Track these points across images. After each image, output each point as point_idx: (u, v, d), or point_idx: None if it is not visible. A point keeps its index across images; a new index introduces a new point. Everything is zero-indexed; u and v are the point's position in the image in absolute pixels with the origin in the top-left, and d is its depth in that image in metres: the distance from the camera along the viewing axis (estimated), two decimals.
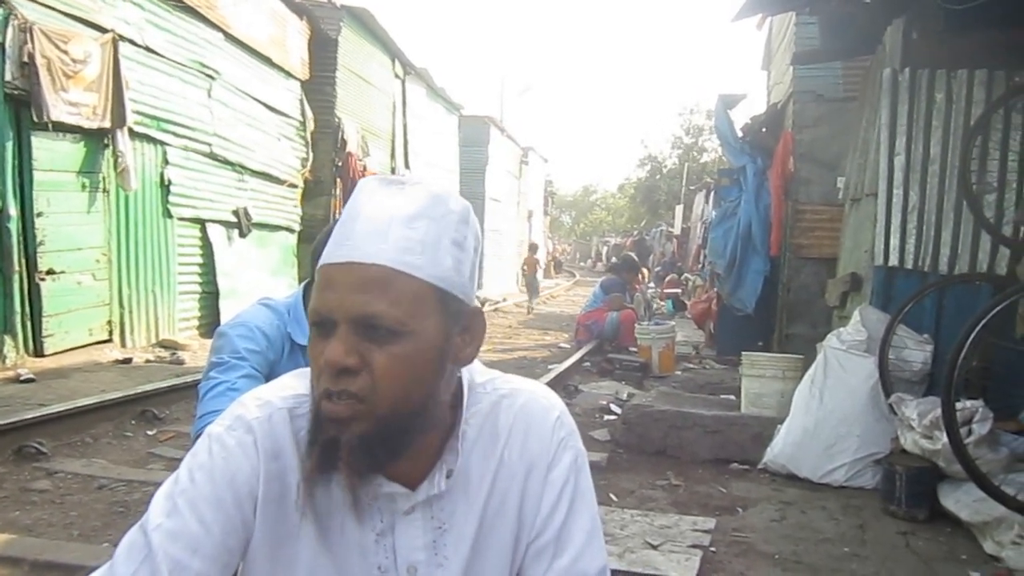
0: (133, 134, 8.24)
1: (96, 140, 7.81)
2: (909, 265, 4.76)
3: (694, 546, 3.31)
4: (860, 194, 5.50)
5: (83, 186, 7.72)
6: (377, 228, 0.93)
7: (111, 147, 7.94)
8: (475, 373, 1.09)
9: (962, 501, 3.62)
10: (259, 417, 1.00)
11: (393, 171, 15.44)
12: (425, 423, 0.97)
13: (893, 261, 4.80)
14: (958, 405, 3.48)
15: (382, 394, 0.91)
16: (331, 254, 0.95)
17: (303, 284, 2.11)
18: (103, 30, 7.76)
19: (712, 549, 3.33)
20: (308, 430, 0.95)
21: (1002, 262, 4.54)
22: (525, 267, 20.21)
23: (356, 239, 0.93)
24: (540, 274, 21.70)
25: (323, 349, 0.92)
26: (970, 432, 3.54)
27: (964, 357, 3.42)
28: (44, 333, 7.18)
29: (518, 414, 1.08)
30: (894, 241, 4.79)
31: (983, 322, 3.42)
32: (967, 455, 3.34)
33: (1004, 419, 3.78)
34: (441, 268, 0.95)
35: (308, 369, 1.03)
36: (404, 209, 0.94)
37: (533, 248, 20.75)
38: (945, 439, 3.49)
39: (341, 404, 0.91)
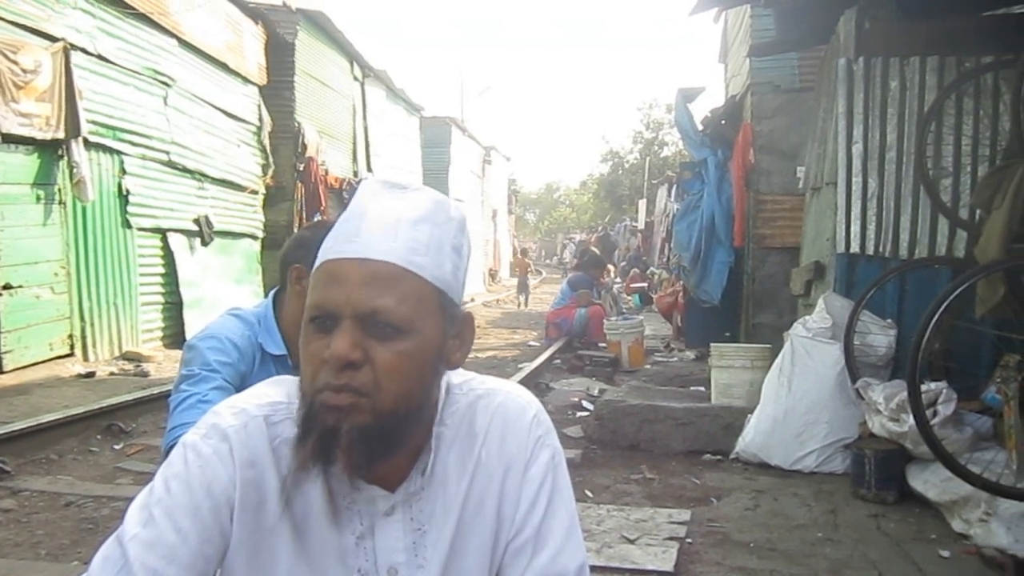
0: (88, 144, 8.09)
1: (50, 151, 7.65)
2: (870, 251, 4.84)
3: (670, 538, 3.34)
4: (820, 183, 5.57)
5: (38, 198, 7.56)
6: (386, 227, 0.95)
7: (66, 158, 7.77)
8: (451, 374, 1.09)
9: (930, 482, 3.69)
10: (234, 425, 0.99)
11: (355, 175, 15.33)
12: (419, 422, 0.99)
13: (854, 248, 4.87)
14: (923, 387, 3.54)
15: (385, 390, 0.92)
16: (337, 250, 0.95)
17: (272, 292, 2.08)
18: (53, 39, 7.60)
19: (688, 540, 3.36)
20: (300, 424, 0.94)
21: (960, 245, 4.62)
22: (517, 269, 22.65)
23: (365, 236, 0.94)
24: (503, 272, 24.18)
25: (325, 344, 0.92)
26: (935, 413, 3.60)
27: (927, 340, 3.48)
28: (3, 349, 7.02)
29: (495, 414, 1.08)
30: (855, 228, 4.86)
31: (944, 305, 3.48)
32: (933, 436, 3.40)
33: (967, 399, 3.85)
34: (442, 271, 0.97)
35: (283, 377, 1.03)
36: (410, 212, 0.97)
37: (524, 252, 23.95)
38: (912, 421, 3.55)
39: (342, 394, 0.91)
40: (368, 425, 0.91)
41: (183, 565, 0.93)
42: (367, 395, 0.91)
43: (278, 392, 1.02)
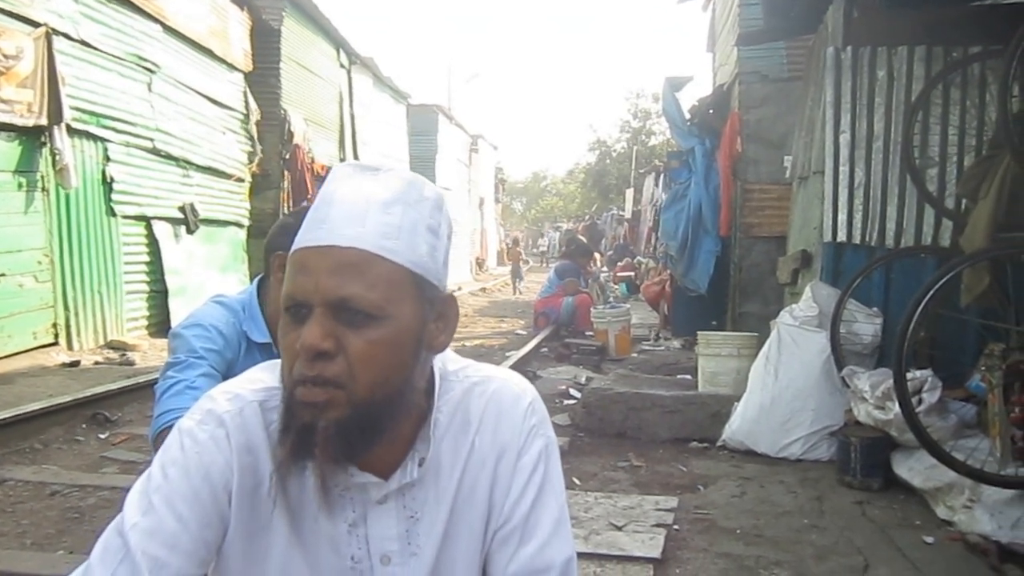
0: (71, 131, 7.99)
1: (32, 138, 7.55)
2: (857, 240, 4.86)
3: (658, 525, 3.35)
4: (807, 172, 5.58)
5: (20, 186, 7.46)
6: (354, 212, 0.92)
7: (49, 145, 7.68)
8: (447, 361, 1.09)
9: (915, 469, 3.71)
10: (230, 411, 0.99)
11: (342, 162, 15.26)
12: (401, 410, 0.96)
13: (841, 237, 4.89)
14: (908, 375, 3.57)
15: (359, 379, 0.90)
16: (306, 238, 0.93)
17: (256, 280, 2.07)
18: (35, 24, 7.50)
19: (675, 527, 3.37)
20: (280, 417, 0.93)
21: (945, 234, 4.66)
22: (509, 258, 24.02)
23: (333, 223, 0.92)
24: (491, 261, 25.16)
25: (299, 334, 0.90)
26: (920, 401, 3.63)
27: (913, 328, 3.50)
28: None
29: (490, 401, 1.07)
30: (842, 217, 4.88)
31: (930, 294, 3.50)
32: (918, 423, 3.43)
33: (951, 387, 3.88)
34: (417, 253, 0.94)
35: (276, 362, 1.02)
36: (380, 195, 0.94)
37: (516, 241, 24.93)
38: (897, 409, 3.57)
39: (317, 389, 0.89)
40: (345, 418, 0.90)
41: (185, 552, 0.93)
42: (342, 386, 0.89)
43: (272, 377, 1.01)
